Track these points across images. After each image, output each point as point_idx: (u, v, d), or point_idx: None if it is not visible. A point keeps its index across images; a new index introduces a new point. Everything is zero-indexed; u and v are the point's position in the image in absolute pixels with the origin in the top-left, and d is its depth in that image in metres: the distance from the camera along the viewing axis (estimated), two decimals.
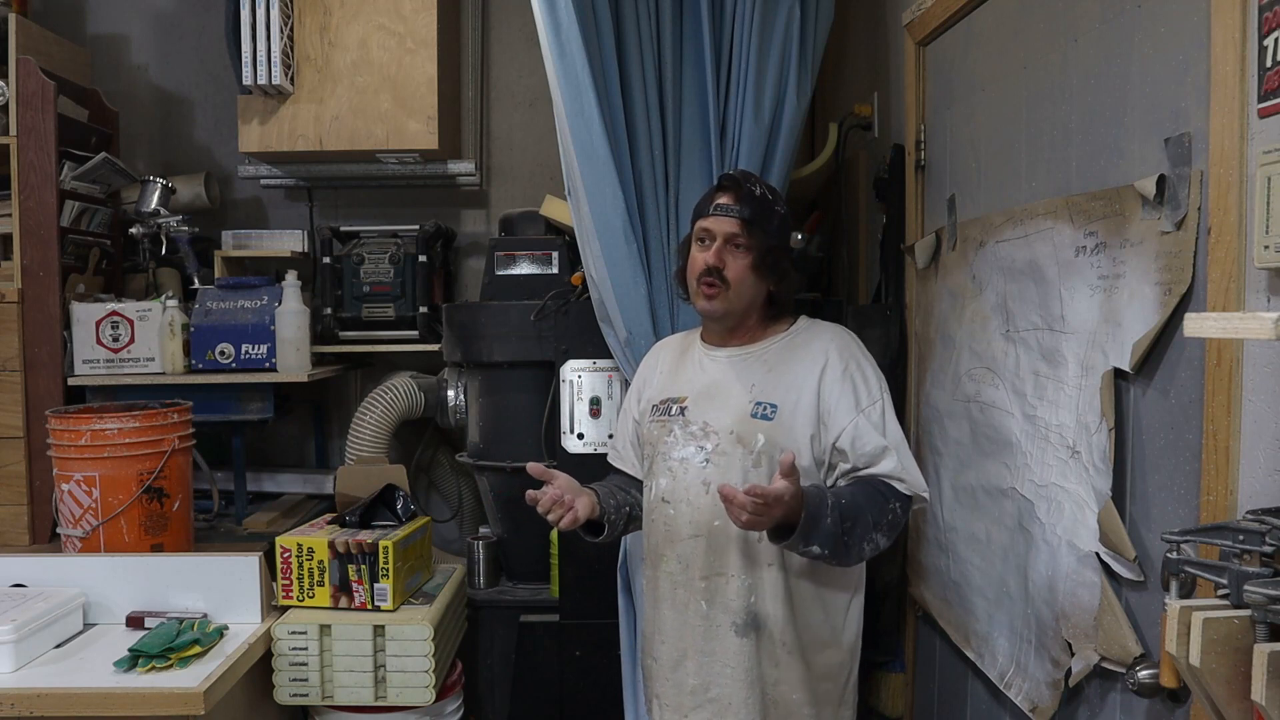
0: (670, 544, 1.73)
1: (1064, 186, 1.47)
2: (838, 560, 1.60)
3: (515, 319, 2.43)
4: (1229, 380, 1.09)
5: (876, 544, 1.63)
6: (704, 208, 1.75)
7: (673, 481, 1.73)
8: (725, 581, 1.69)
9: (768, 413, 1.68)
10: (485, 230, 3.21)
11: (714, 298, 1.71)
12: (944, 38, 1.97)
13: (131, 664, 1.81)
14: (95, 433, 2.20)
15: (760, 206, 1.70)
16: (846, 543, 1.58)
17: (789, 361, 1.73)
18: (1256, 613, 0.91)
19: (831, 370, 1.70)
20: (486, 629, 2.51)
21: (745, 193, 1.70)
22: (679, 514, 1.72)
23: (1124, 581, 1.32)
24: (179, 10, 3.19)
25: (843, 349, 1.73)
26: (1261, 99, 1.03)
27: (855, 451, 1.66)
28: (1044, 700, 1.51)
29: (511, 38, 3.19)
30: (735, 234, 1.69)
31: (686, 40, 2.16)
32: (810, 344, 1.75)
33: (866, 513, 1.61)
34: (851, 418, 1.67)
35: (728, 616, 1.68)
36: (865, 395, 1.69)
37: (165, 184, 2.77)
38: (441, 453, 3.19)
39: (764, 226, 1.70)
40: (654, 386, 1.87)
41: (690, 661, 1.71)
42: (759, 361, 1.75)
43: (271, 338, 2.66)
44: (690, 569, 1.71)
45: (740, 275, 1.70)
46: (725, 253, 1.70)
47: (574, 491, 1.70)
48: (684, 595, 1.72)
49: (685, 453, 1.72)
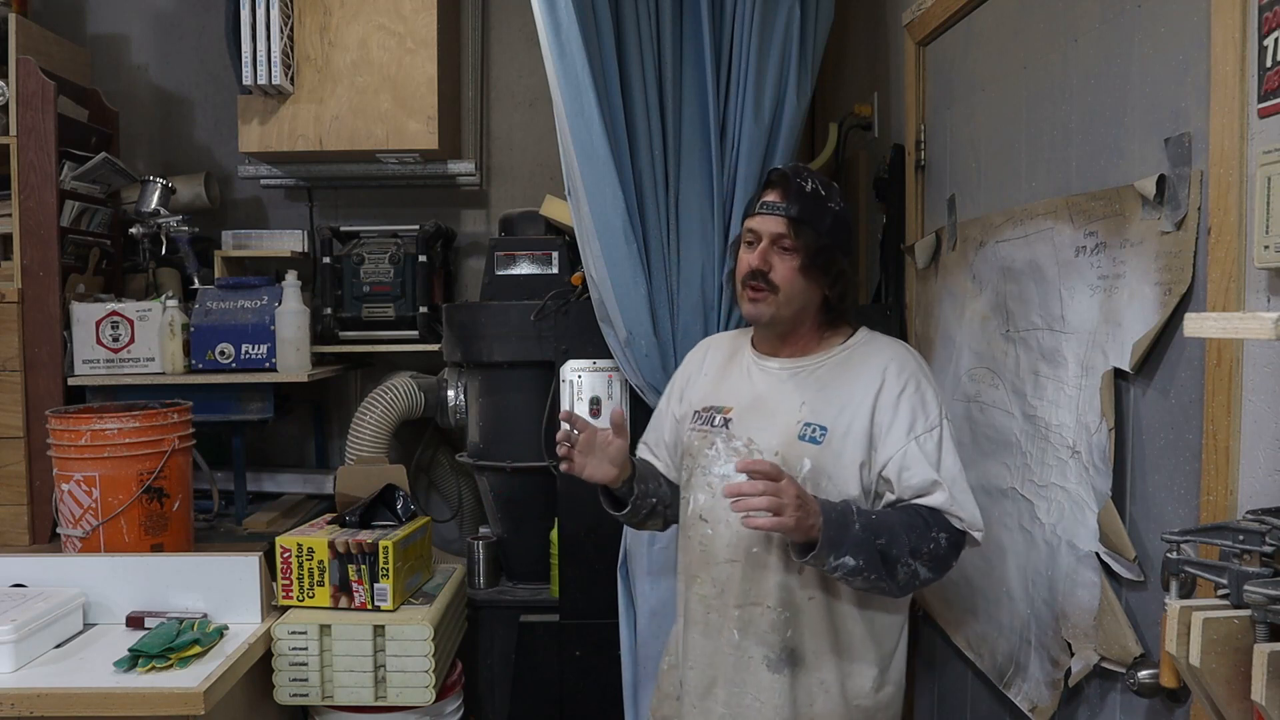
0: (705, 565, 1.62)
1: (1064, 186, 1.47)
2: (881, 578, 1.45)
3: (515, 319, 2.43)
4: (1229, 380, 1.09)
5: (916, 573, 1.47)
6: (752, 206, 1.63)
7: (712, 499, 1.61)
8: (761, 612, 1.56)
9: (816, 435, 1.55)
10: (485, 230, 3.21)
11: (759, 302, 1.58)
12: (944, 38, 1.97)
13: (131, 664, 1.81)
14: (95, 433, 2.20)
15: (810, 203, 1.56)
16: (887, 555, 1.44)
17: (843, 379, 1.59)
18: (1256, 613, 0.91)
19: (888, 392, 1.55)
20: (486, 629, 2.50)
21: (794, 188, 1.56)
22: (717, 534, 1.60)
23: (1124, 581, 1.32)
24: (179, 10, 3.19)
25: (902, 368, 1.57)
26: (1261, 99, 1.03)
27: (901, 483, 1.51)
28: (1044, 700, 1.51)
29: (511, 38, 3.19)
30: (782, 234, 1.55)
31: (686, 40, 2.16)
32: (868, 360, 1.60)
33: (901, 532, 1.46)
34: (901, 445, 1.52)
35: (761, 649, 1.57)
36: (921, 421, 1.53)
37: (165, 184, 2.77)
38: (441, 453, 3.19)
39: (815, 225, 1.55)
40: (698, 388, 1.74)
41: (720, 690, 1.61)
42: (812, 377, 1.61)
43: (271, 338, 2.66)
44: (725, 594, 1.59)
45: (788, 279, 1.56)
46: (771, 254, 1.56)
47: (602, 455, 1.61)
48: (717, 620, 1.61)
49: (727, 469, 1.59)
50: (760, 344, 1.70)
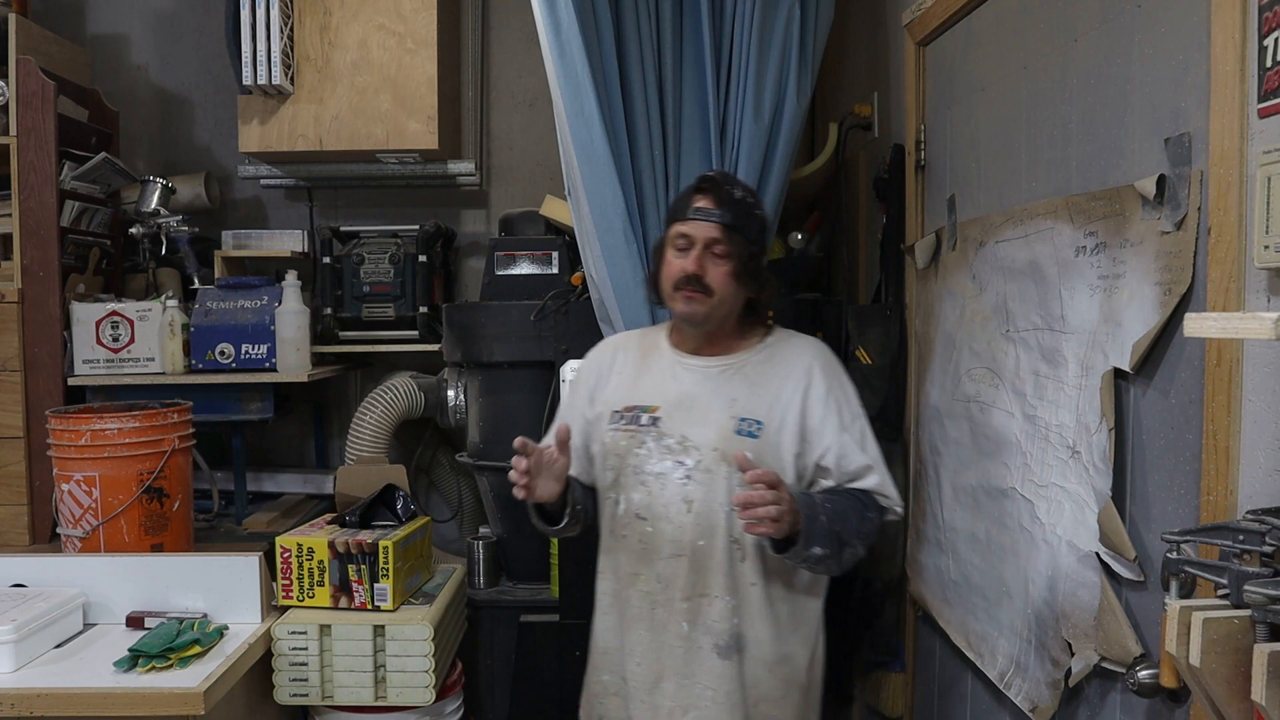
0: (647, 562, 1.67)
1: (1064, 186, 1.47)
2: (836, 562, 1.58)
3: (515, 319, 2.43)
4: (1229, 380, 1.09)
5: (857, 552, 1.62)
6: (681, 209, 1.67)
7: (649, 497, 1.66)
8: (709, 602, 1.64)
9: (754, 430, 1.64)
10: (485, 230, 3.21)
11: (694, 302, 1.64)
12: (944, 38, 1.97)
13: (131, 664, 1.81)
14: (95, 433, 2.20)
15: (741, 210, 1.65)
16: (842, 540, 1.57)
17: (770, 376, 1.69)
18: (1256, 613, 0.91)
19: (816, 389, 1.68)
20: (486, 629, 2.50)
21: (725, 195, 1.63)
22: (658, 531, 1.65)
23: (1124, 581, 1.32)
24: (179, 10, 3.19)
25: (825, 366, 1.72)
26: (1261, 99, 1.03)
27: (840, 470, 1.66)
28: (1044, 700, 1.51)
29: (511, 38, 3.19)
30: (716, 239, 1.62)
31: (686, 40, 2.16)
32: (791, 359, 1.71)
33: (850, 517, 1.61)
34: (836, 437, 1.66)
35: (710, 638, 1.63)
36: (848, 413, 1.69)
37: (165, 184, 2.77)
38: (441, 453, 3.19)
39: (745, 233, 1.64)
40: (613, 388, 1.78)
41: (668, 683, 1.66)
42: (738, 374, 1.70)
43: (271, 338, 2.66)
44: (670, 588, 1.65)
45: (722, 283, 1.63)
46: (705, 259, 1.63)
47: (549, 473, 1.63)
48: (663, 615, 1.66)
49: (662, 467, 1.65)
50: (682, 343, 1.75)
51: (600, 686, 1.77)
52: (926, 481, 2.03)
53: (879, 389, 2.20)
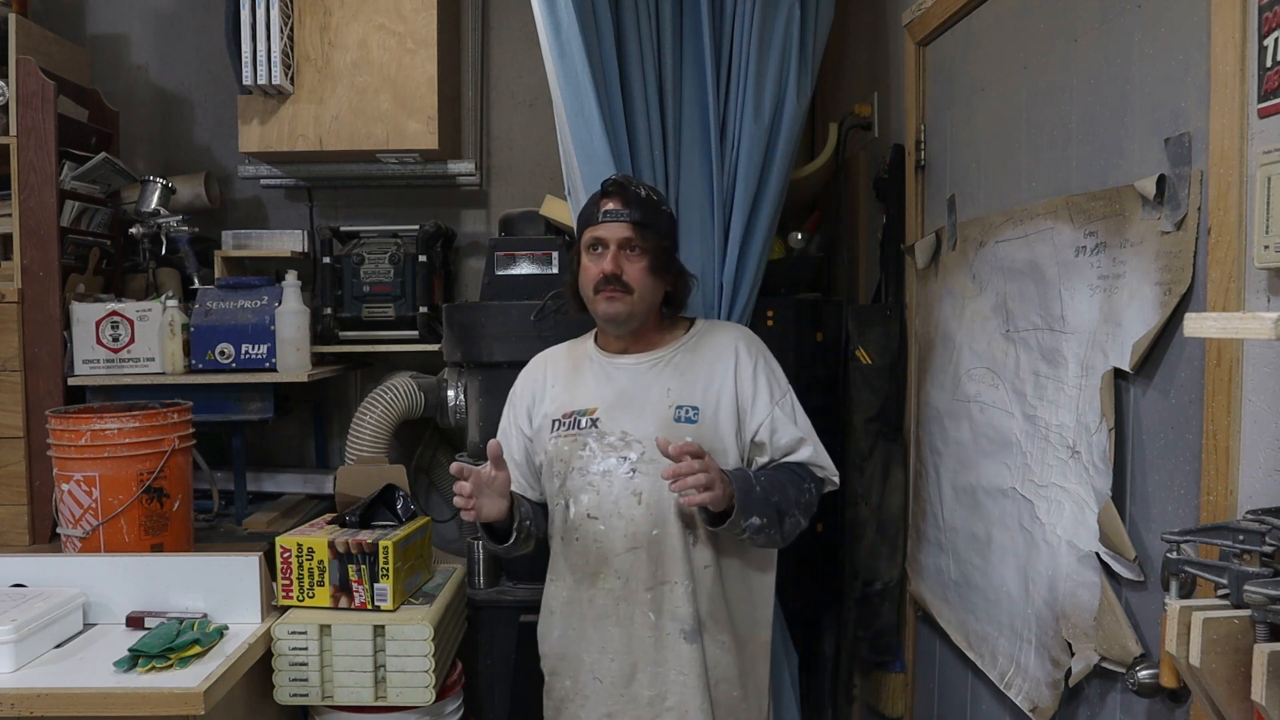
0: (605, 561, 1.70)
1: (1064, 186, 1.47)
2: (778, 531, 1.63)
3: (515, 319, 2.43)
4: (1229, 380, 1.09)
5: (798, 522, 1.67)
6: (592, 215, 1.73)
7: (597, 496, 1.70)
8: (671, 588, 1.68)
9: (691, 415, 1.70)
10: (485, 230, 3.21)
11: (616, 301, 1.69)
12: (944, 38, 1.97)
13: (131, 664, 1.81)
14: (95, 433, 2.20)
15: (648, 208, 1.71)
16: (780, 510, 1.62)
17: (700, 362, 1.75)
18: (1256, 613, 0.91)
19: (744, 367, 1.74)
20: (486, 629, 2.50)
21: (632, 195, 1.70)
22: (611, 528, 1.69)
23: (1124, 581, 1.32)
24: (179, 10, 3.19)
25: (749, 345, 1.77)
26: (1261, 99, 1.03)
27: (774, 444, 1.72)
28: (1044, 700, 1.51)
29: (511, 38, 3.19)
30: (629, 238, 1.69)
31: (686, 40, 2.15)
32: (716, 344, 1.77)
33: (787, 487, 1.66)
34: (768, 411, 1.72)
35: (676, 624, 1.68)
36: (777, 389, 1.75)
37: (165, 184, 2.77)
38: (441, 453, 3.19)
39: (655, 227, 1.71)
40: (549, 401, 1.82)
41: (642, 674, 1.70)
42: (669, 366, 1.75)
43: (271, 338, 2.66)
44: (631, 582, 1.69)
45: (639, 279, 1.69)
46: (621, 259, 1.69)
47: (491, 491, 1.64)
48: (627, 609, 1.70)
49: (606, 465, 1.70)
50: (609, 345, 1.81)
51: (564, 691, 1.79)
52: (927, 481, 2.03)
53: (879, 389, 2.20)
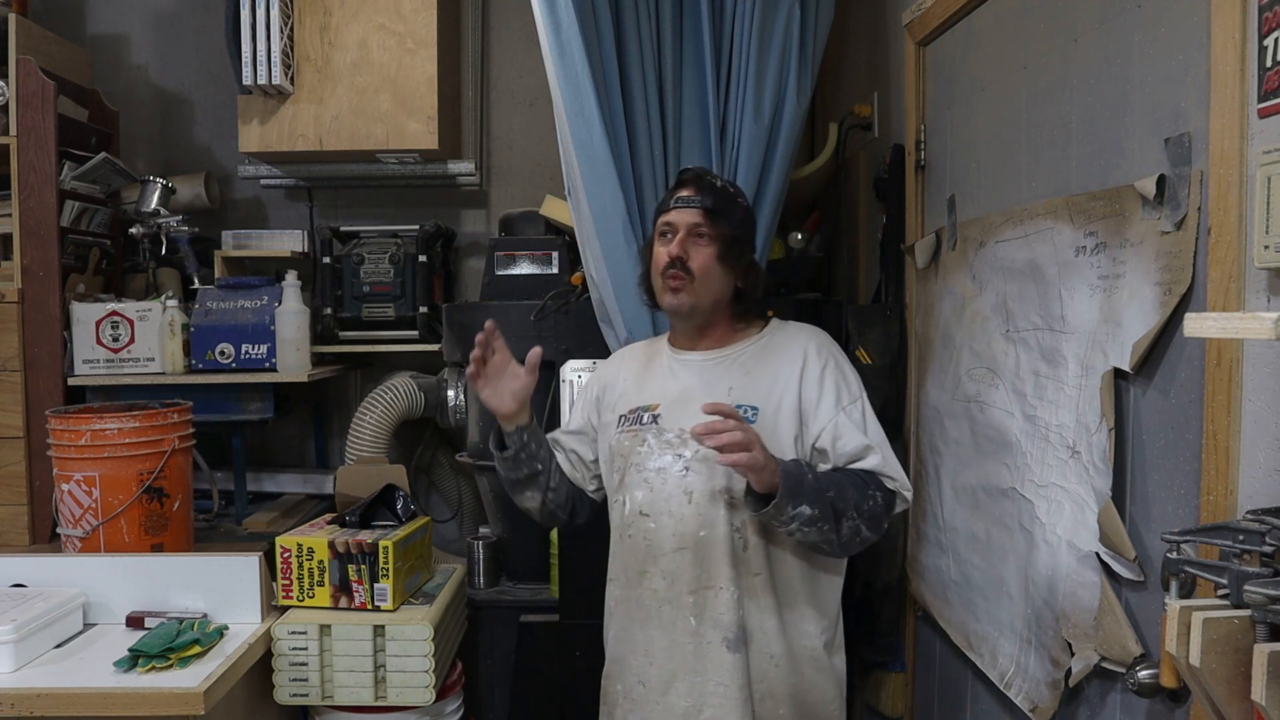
0: (653, 559, 1.65)
1: (1064, 186, 1.47)
2: (833, 530, 1.52)
3: (515, 319, 2.43)
4: (1229, 380, 1.09)
5: (860, 531, 1.56)
6: (665, 204, 1.72)
7: (651, 493, 1.66)
8: (715, 594, 1.61)
9: (750, 415, 1.62)
10: (485, 230, 3.21)
11: (680, 290, 1.65)
12: (944, 38, 1.97)
13: (131, 664, 1.81)
14: (95, 433, 2.20)
15: (722, 197, 1.68)
16: (836, 508, 1.52)
17: (766, 363, 1.69)
18: (1256, 613, 0.91)
19: (811, 369, 1.66)
20: (486, 629, 2.50)
21: (706, 184, 1.68)
22: (661, 527, 1.64)
23: (1124, 581, 1.32)
24: (179, 10, 3.19)
25: (820, 347, 1.70)
26: (1261, 99, 1.03)
27: (836, 450, 1.62)
28: (1044, 700, 1.51)
29: (511, 38, 3.19)
30: (698, 224, 1.65)
31: (686, 40, 2.15)
32: (787, 344, 1.71)
33: (847, 486, 1.56)
34: (832, 416, 1.63)
35: (718, 632, 1.61)
36: (846, 393, 1.66)
37: (165, 184, 2.77)
38: (441, 453, 3.19)
39: (728, 216, 1.67)
40: (619, 396, 1.79)
41: (680, 683, 1.63)
42: (735, 365, 1.70)
43: (271, 338, 2.66)
44: (677, 584, 1.63)
45: (705, 266, 1.65)
46: (688, 244, 1.65)
47: (500, 376, 1.70)
48: (670, 613, 1.64)
49: (662, 462, 1.65)
50: (678, 340, 1.78)
51: (615, 695, 1.74)
52: (926, 481, 2.03)
53: (879, 389, 2.20)
